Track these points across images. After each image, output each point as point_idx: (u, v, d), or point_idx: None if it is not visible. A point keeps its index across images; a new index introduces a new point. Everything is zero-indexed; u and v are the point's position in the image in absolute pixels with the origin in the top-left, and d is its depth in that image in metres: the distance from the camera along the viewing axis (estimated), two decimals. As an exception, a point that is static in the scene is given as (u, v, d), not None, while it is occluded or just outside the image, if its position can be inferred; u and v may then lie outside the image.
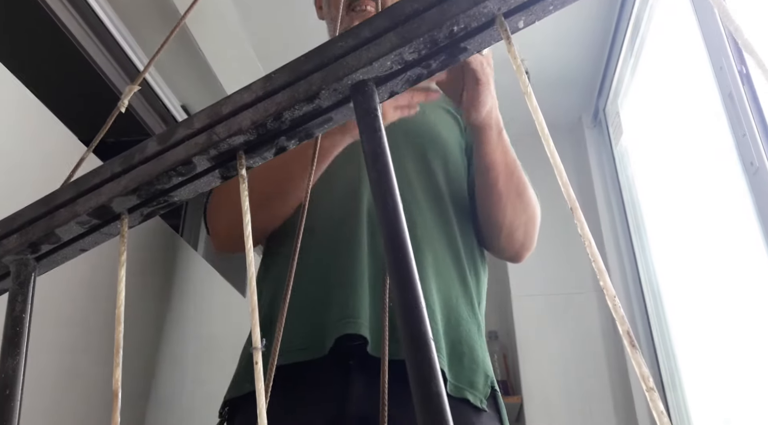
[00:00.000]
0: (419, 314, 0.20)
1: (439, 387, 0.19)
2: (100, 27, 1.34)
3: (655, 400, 0.18)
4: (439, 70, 0.25)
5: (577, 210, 0.21)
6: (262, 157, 0.27)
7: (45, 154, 0.86)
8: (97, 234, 0.30)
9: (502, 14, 0.23)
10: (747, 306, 1.34)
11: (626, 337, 0.18)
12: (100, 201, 0.28)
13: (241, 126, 0.26)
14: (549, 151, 0.22)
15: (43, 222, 0.29)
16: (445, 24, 0.23)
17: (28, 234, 0.29)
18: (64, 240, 0.30)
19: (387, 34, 0.23)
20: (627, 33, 1.91)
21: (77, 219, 0.28)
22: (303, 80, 0.25)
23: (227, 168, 0.28)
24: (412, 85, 0.25)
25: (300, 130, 0.26)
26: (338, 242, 0.86)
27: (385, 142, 0.23)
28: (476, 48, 0.24)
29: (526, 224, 0.93)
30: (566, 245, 2.25)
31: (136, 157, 0.28)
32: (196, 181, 0.28)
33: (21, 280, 0.29)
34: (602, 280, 0.19)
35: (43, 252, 0.30)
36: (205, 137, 0.26)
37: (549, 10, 0.24)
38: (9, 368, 0.26)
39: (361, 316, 0.77)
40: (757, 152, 1.23)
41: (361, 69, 0.24)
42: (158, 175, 0.27)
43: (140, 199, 0.28)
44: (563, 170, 0.21)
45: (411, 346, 0.20)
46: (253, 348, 0.24)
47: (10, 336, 0.27)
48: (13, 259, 0.30)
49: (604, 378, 2.06)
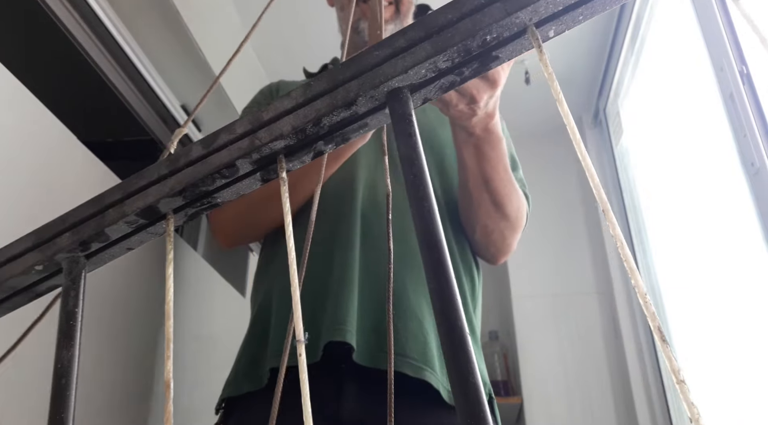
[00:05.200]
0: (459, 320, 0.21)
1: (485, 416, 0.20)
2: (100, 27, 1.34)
3: (685, 392, 0.18)
4: (471, 77, 0.26)
5: (609, 212, 0.21)
6: (300, 160, 0.29)
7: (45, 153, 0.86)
8: (144, 233, 0.31)
9: (534, 24, 0.24)
10: (748, 306, 1.34)
11: (657, 333, 0.19)
12: (147, 201, 0.30)
13: (282, 131, 0.27)
14: (581, 155, 0.22)
15: (94, 222, 0.31)
16: (478, 34, 0.24)
17: (79, 233, 0.31)
18: (113, 239, 0.31)
19: (422, 44, 0.24)
20: (627, 33, 1.91)
21: (125, 218, 0.30)
22: (341, 87, 0.26)
23: (268, 171, 0.29)
24: (445, 92, 0.26)
25: (337, 135, 0.28)
26: (331, 244, 0.86)
27: (420, 147, 0.24)
28: (508, 56, 0.25)
29: (503, 231, 0.91)
30: (566, 245, 2.25)
31: (181, 160, 0.29)
32: (238, 183, 0.30)
33: (73, 276, 0.31)
34: (634, 279, 0.20)
35: (93, 250, 0.32)
36: (248, 142, 0.28)
37: (579, 20, 0.25)
38: (65, 359, 0.28)
39: (347, 323, 0.77)
40: (758, 153, 1.23)
41: (397, 77, 0.25)
42: (203, 177, 0.29)
43: (185, 200, 0.30)
44: (594, 173, 0.22)
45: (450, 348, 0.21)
46: (297, 340, 0.24)
47: (65, 330, 0.29)
48: (65, 257, 0.31)
49: (605, 379, 2.06)
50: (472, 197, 0.88)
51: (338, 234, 0.86)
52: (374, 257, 0.84)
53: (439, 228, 0.22)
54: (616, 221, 0.20)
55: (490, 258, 0.97)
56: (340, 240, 0.85)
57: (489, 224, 0.90)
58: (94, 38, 1.34)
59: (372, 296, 0.81)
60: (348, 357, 0.76)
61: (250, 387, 0.82)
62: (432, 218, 0.22)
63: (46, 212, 0.84)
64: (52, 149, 0.87)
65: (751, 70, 1.27)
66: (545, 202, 2.23)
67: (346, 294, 0.79)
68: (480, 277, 0.97)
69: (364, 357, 0.76)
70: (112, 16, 1.37)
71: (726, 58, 1.34)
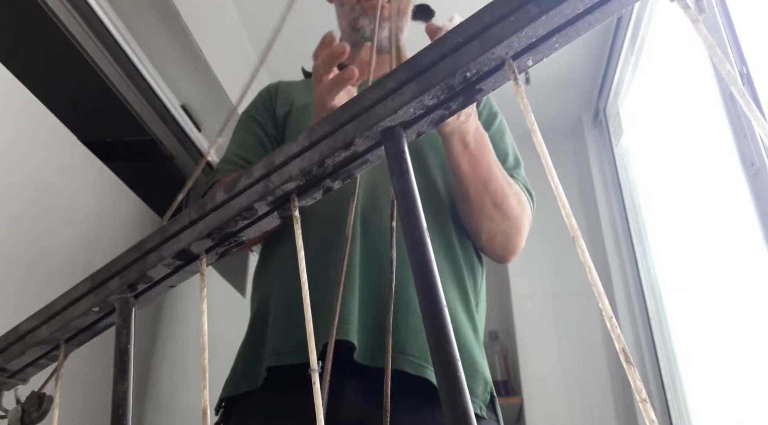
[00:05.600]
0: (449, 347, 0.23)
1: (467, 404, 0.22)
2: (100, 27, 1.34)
3: (648, 410, 0.19)
4: (459, 109, 0.27)
5: (579, 239, 0.23)
6: (312, 197, 0.32)
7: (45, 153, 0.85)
8: (182, 272, 0.36)
9: (510, 57, 0.25)
10: (748, 306, 1.34)
11: (622, 355, 0.20)
12: (181, 246, 0.33)
13: (291, 174, 0.30)
14: (553, 185, 0.23)
15: (137, 266, 0.35)
16: (458, 71, 0.25)
17: (126, 277, 0.35)
18: (155, 280, 0.35)
19: (408, 85, 0.26)
20: (627, 33, 1.91)
21: (164, 261, 0.34)
22: (340, 130, 0.28)
23: (283, 209, 0.32)
24: (437, 125, 0.27)
25: (342, 172, 0.30)
26: (331, 245, 0.85)
27: (414, 182, 0.26)
28: (491, 88, 0.26)
29: (506, 232, 0.92)
30: (567, 246, 2.25)
31: (208, 206, 0.33)
32: (258, 223, 0.33)
33: (124, 316, 0.34)
34: (601, 303, 0.21)
35: (140, 291, 0.36)
36: (263, 186, 0.31)
37: (555, 47, 0.26)
38: (120, 392, 0.31)
39: (350, 321, 0.77)
40: (758, 153, 1.23)
41: (389, 117, 0.26)
42: (227, 221, 0.32)
43: (213, 241, 0.33)
44: (566, 202, 0.22)
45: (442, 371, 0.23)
46: (311, 370, 0.26)
47: (120, 365, 0.32)
48: (116, 298, 0.35)
49: (605, 379, 2.06)
50: (474, 206, 0.88)
51: (338, 235, 0.86)
52: (375, 256, 0.84)
53: (432, 262, 0.23)
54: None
55: (498, 259, 0.97)
56: (340, 241, 0.85)
57: (492, 227, 0.90)
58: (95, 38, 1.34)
59: (373, 295, 0.81)
60: (347, 356, 0.76)
61: (247, 386, 0.82)
62: (424, 246, 0.24)
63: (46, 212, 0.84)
64: (52, 149, 0.87)
65: (751, 71, 1.27)
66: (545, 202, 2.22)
67: (347, 294, 0.79)
68: (483, 273, 0.97)
69: (365, 356, 0.76)
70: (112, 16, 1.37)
71: (726, 58, 1.34)
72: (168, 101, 1.61)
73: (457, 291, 0.87)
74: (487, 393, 0.83)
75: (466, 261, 0.92)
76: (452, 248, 0.91)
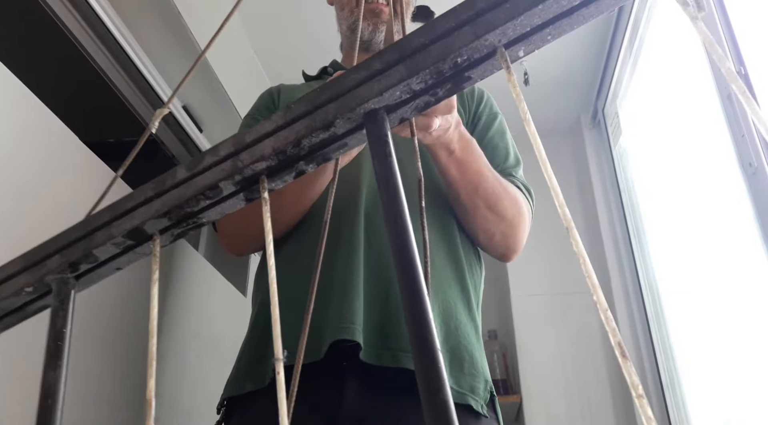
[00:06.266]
0: (427, 329, 0.21)
1: (447, 396, 0.20)
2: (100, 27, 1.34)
3: (644, 407, 0.18)
4: (446, 97, 0.26)
5: (573, 230, 0.21)
6: (282, 180, 0.30)
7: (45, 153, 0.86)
8: (131, 253, 0.32)
9: (503, 45, 0.25)
10: (746, 306, 1.35)
11: (617, 348, 0.19)
12: (134, 223, 0.30)
13: (263, 153, 0.28)
14: (547, 176, 0.23)
15: (82, 244, 0.31)
16: (449, 56, 0.24)
17: (68, 255, 0.32)
18: (101, 260, 0.32)
19: (396, 67, 0.25)
20: (626, 33, 1.92)
21: (113, 240, 0.31)
22: (320, 110, 0.27)
23: (251, 191, 0.30)
24: (421, 112, 0.27)
25: (318, 155, 0.28)
26: (335, 243, 0.86)
27: (396, 167, 0.24)
28: (480, 76, 0.26)
29: (503, 232, 0.92)
30: (566, 245, 2.25)
31: (167, 183, 0.30)
32: (222, 204, 0.30)
33: (62, 297, 0.31)
34: (595, 295, 0.20)
35: (82, 271, 0.32)
36: (231, 163, 0.29)
37: (547, 40, 0.25)
38: (51, 379, 0.29)
39: (355, 322, 0.77)
40: (756, 153, 1.24)
41: (373, 99, 0.25)
42: (188, 199, 0.29)
43: (171, 221, 0.31)
44: (560, 193, 0.22)
45: (419, 357, 0.21)
46: (275, 359, 0.24)
47: (53, 350, 0.29)
48: (54, 278, 0.32)
49: (603, 378, 2.07)
50: (467, 208, 0.89)
51: (342, 235, 0.86)
52: (379, 257, 0.85)
53: (413, 249, 0.22)
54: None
55: (500, 257, 0.98)
56: (344, 241, 0.86)
57: (489, 228, 0.91)
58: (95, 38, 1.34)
59: (378, 293, 0.81)
60: (350, 356, 0.77)
61: (252, 386, 0.82)
62: (407, 235, 0.23)
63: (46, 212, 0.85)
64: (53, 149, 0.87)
65: (748, 71, 1.28)
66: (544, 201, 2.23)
67: (352, 293, 0.80)
68: (482, 271, 0.98)
69: (370, 356, 0.77)
70: (113, 16, 1.37)
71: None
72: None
73: (459, 291, 0.88)
74: (488, 391, 0.83)
75: (468, 261, 0.93)
76: (455, 247, 0.91)
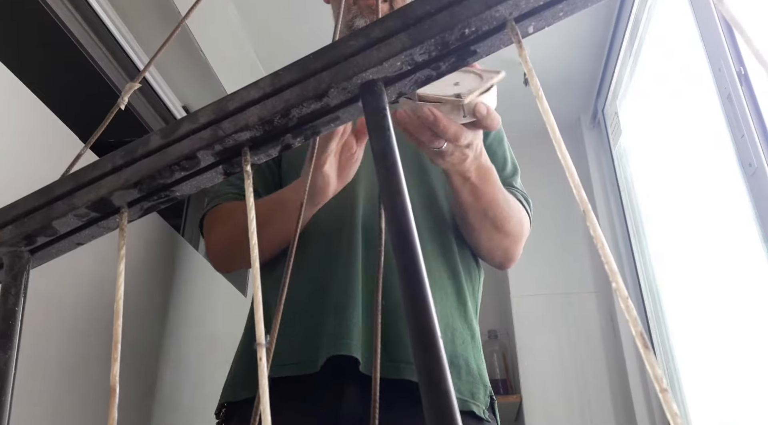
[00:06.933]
0: (428, 315, 0.20)
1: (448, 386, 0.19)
2: (100, 27, 1.34)
3: (669, 401, 0.17)
4: (448, 72, 0.25)
5: (590, 212, 0.20)
6: (266, 153, 0.27)
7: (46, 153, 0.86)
8: (95, 227, 0.29)
9: (513, 19, 0.23)
10: (746, 306, 1.35)
11: (639, 339, 0.18)
12: (99, 194, 0.27)
13: (247, 122, 0.25)
14: (561, 154, 0.22)
15: (40, 214, 0.28)
16: (457, 26, 0.23)
17: (23, 226, 0.28)
18: (61, 233, 0.29)
19: (398, 35, 0.23)
20: (626, 34, 1.92)
21: (75, 211, 0.28)
22: (312, 78, 0.24)
23: (231, 164, 0.27)
24: (420, 87, 0.25)
25: (307, 128, 0.26)
26: (333, 257, 0.85)
27: (394, 141, 0.22)
28: (486, 51, 0.24)
29: (507, 248, 0.92)
30: (566, 245, 2.26)
31: (138, 151, 0.27)
32: (198, 176, 0.28)
33: (15, 272, 0.28)
34: (615, 282, 0.19)
35: (38, 245, 0.29)
36: (210, 132, 0.26)
37: (559, 17, 0.24)
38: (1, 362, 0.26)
39: (353, 337, 0.77)
40: (756, 153, 1.24)
41: (371, 68, 0.23)
42: (161, 169, 0.26)
43: (141, 193, 0.28)
44: (575, 173, 0.21)
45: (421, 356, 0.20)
46: (257, 344, 0.22)
47: (3, 330, 0.26)
48: (6, 251, 0.29)
49: (603, 378, 2.07)
50: (473, 227, 0.88)
51: (340, 248, 0.86)
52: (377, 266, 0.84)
53: (411, 224, 0.20)
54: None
55: (497, 267, 0.98)
56: (342, 254, 0.85)
57: (492, 244, 0.91)
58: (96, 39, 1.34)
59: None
60: (349, 369, 0.76)
61: (247, 394, 0.82)
62: (405, 214, 0.21)
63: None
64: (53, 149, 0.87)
65: (748, 71, 1.28)
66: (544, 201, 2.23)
67: (349, 308, 0.79)
68: (481, 275, 0.97)
69: (370, 369, 0.76)
70: (113, 17, 1.37)
71: (724, 59, 1.34)
72: (169, 102, 1.62)
73: (455, 298, 0.88)
74: (487, 396, 0.84)
75: (466, 267, 0.92)
76: (451, 254, 0.91)
